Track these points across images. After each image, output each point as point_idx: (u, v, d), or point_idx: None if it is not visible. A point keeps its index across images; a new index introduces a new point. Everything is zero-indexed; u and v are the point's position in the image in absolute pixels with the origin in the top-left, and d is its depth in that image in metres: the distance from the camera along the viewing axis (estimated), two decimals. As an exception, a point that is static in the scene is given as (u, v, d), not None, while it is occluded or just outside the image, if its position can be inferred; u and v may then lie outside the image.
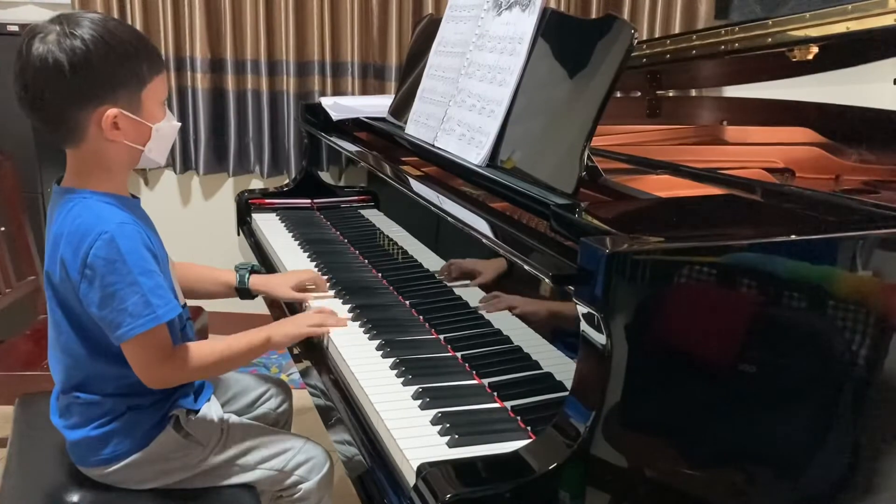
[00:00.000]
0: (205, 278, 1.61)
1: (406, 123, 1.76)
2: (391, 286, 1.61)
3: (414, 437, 1.07)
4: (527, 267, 1.07)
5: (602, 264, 0.90)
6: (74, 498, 1.32)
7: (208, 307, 2.18)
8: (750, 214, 1.18)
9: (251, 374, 1.67)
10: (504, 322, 1.28)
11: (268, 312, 1.68)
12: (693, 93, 2.56)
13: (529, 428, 1.08)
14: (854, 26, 1.56)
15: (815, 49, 1.68)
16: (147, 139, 1.25)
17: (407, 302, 1.53)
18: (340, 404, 1.25)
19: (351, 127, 2.10)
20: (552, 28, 1.39)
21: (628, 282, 0.92)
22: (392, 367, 1.26)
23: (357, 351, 1.33)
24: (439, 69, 1.69)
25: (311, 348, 1.43)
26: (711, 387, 1.00)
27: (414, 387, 1.19)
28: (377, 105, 2.07)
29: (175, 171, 2.97)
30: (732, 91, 2.49)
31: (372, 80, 2.86)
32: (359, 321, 1.43)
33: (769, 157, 1.69)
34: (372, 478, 1.09)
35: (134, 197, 1.32)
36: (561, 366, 1.11)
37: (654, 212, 1.17)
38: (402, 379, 1.22)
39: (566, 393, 0.98)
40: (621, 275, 0.91)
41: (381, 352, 1.32)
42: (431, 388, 1.18)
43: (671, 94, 2.43)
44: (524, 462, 0.94)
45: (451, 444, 1.05)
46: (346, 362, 1.29)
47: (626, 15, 2.65)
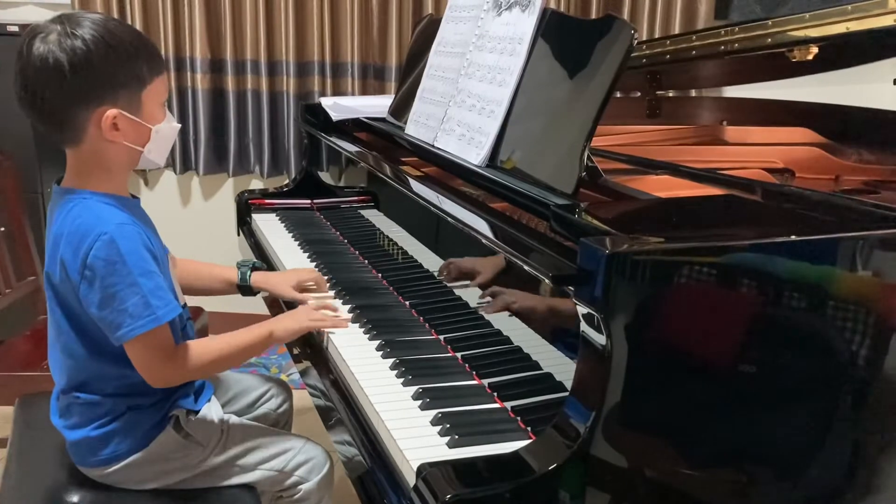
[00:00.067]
0: (206, 275, 1.61)
1: (406, 124, 1.76)
2: (391, 286, 1.61)
3: (414, 438, 1.07)
4: (527, 267, 1.07)
5: (602, 265, 0.90)
6: (74, 498, 1.32)
7: (208, 307, 2.18)
8: (750, 215, 1.18)
9: (251, 375, 1.67)
10: (504, 322, 1.28)
11: (268, 313, 1.68)
12: (693, 93, 2.56)
13: (529, 428, 1.08)
14: (854, 26, 1.56)
15: (815, 49, 1.68)
16: (146, 140, 1.25)
17: (407, 302, 1.53)
18: (340, 405, 1.25)
19: (351, 127, 2.10)
20: (552, 28, 1.39)
21: (628, 282, 0.92)
22: (392, 368, 1.26)
23: (357, 351, 1.33)
24: (439, 69, 1.69)
25: (311, 348, 1.43)
26: (711, 387, 1.00)
27: (414, 387, 1.19)
28: (377, 105, 2.07)
29: (175, 172, 2.96)
30: (732, 91, 2.49)
31: (372, 81, 2.85)
32: (359, 321, 1.43)
33: (769, 158, 1.69)
34: (372, 478, 1.09)
35: (134, 197, 1.32)
36: (561, 366, 1.11)
37: (654, 212, 1.17)
38: (402, 379, 1.22)
39: (566, 393, 0.98)
40: (621, 275, 0.91)
41: (381, 352, 1.32)
42: (431, 389, 1.18)
43: (671, 95, 2.43)
44: (524, 462, 0.94)
45: (452, 445, 1.05)
46: (346, 362, 1.29)
47: (626, 15, 2.65)
